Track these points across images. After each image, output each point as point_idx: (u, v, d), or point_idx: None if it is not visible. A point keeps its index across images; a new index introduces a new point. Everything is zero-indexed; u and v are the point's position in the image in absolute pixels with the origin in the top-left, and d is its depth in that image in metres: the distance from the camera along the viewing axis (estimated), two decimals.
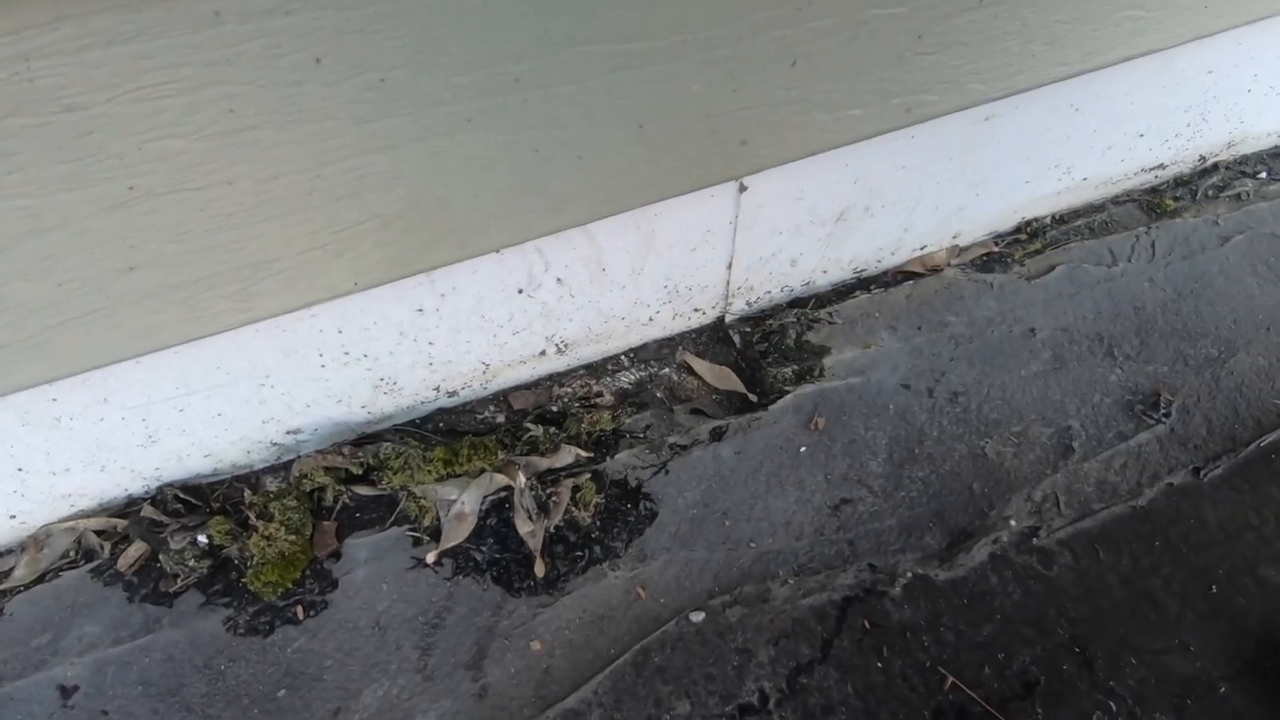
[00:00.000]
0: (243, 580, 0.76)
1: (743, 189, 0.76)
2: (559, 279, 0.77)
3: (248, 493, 0.79)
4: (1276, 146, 1.15)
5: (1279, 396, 0.91)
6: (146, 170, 0.49)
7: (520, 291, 0.77)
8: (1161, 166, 1.08)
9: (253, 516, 0.77)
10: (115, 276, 0.54)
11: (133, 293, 0.55)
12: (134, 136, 0.47)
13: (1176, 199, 1.08)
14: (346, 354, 0.74)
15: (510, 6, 0.49)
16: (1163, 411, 0.89)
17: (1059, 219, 1.07)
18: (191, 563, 0.76)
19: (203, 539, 0.76)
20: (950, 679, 0.74)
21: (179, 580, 0.76)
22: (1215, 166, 1.11)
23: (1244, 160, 1.13)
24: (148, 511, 0.77)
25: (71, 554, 0.78)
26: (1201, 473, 0.86)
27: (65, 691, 0.72)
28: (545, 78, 0.54)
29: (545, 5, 0.50)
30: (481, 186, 0.59)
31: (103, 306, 0.55)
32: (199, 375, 0.69)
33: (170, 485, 0.80)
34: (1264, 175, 1.11)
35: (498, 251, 0.69)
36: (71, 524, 0.78)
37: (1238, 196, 1.08)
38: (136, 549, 0.77)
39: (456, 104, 0.54)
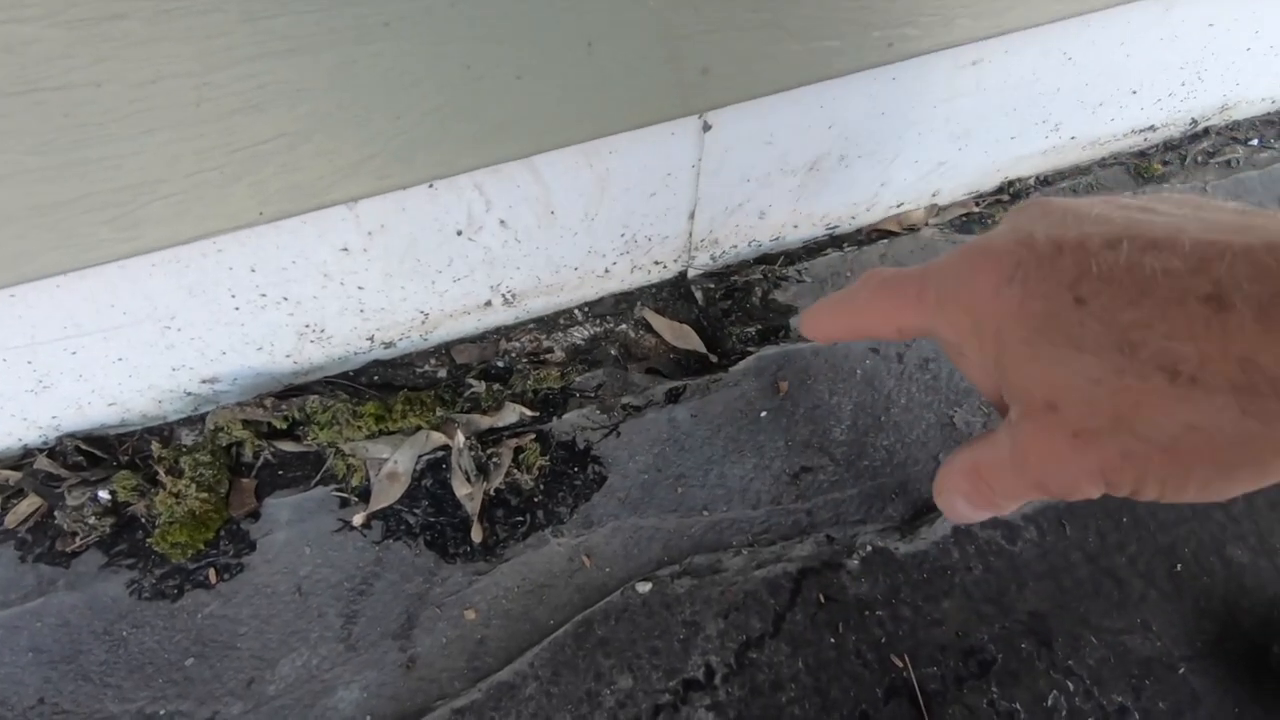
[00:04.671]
0: (149, 540, 0.69)
1: (707, 128, 0.69)
2: (502, 221, 0.70)
3: (156, 446, 0.72)
4: (1270, 113, 1.10)
5: None
6: None
7: (459, 234, 0.69)
8: (1152, 128, 1.03)
9: (161, 472, 0.70)
10: None
11: None
12: None
13: (1165, 164, 1.04)
14: (263, 296, 0.67)
15: None
16: None
17: (1043, 180, 1.02)
18: (92, 520, 0.69)
19: (104, 495, 0.70)
20: (904, 656, 0.71)
21: (77, 539, 0.69)
22: (1207, 131, 1.06)
23: (1236, 126, 1.08)
24: (43, 464, 0.70)
25: None
26: None
27: None
28: None
29: None
30: (404, 106, 0.52)
31: None
32: (90, 314, 0.61)
33: (71, 436, 0.73)
34: (1255, 142, 1.06)
35: (430, 185, 0.62)
36: None
37: (1228, 163, 1.04)
38: (29, 504, 0.70)
39: (371, 3, 0.46)
